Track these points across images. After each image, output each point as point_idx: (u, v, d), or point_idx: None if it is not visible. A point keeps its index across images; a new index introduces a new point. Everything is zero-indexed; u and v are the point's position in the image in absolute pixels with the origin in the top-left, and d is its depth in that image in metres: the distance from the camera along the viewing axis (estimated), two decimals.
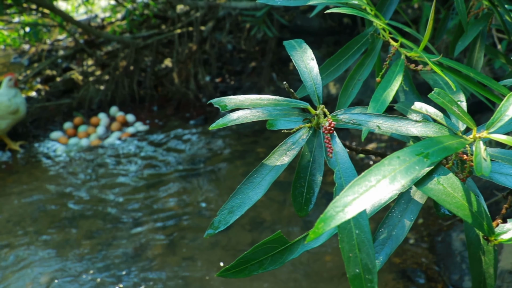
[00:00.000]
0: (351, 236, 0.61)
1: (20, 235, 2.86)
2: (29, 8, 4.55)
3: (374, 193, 0.52)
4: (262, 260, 0.69)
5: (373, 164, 0.55)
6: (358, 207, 0.51)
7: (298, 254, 0.68)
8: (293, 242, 0.69)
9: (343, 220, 0.50)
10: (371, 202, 0.52)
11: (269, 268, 0.68)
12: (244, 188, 0.73)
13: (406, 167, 0.56)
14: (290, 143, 0.77)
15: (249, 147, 3.64)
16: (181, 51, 4.33)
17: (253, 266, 0.68)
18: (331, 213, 0.51)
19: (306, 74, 0.85)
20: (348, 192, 0.52)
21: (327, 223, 0.50)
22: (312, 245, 0.68)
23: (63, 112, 4.45)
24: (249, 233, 2.72)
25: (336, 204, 0.52)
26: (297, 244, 0.69)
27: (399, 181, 0.54)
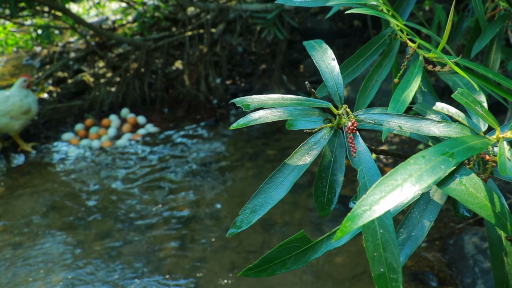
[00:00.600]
0: (376, 236, 0.61)
1: (32, 235, 2.87)
2: (42, 11, 4.58)
3: (400, 192, 0.53)
4: (285, 260, 0.69)
5: (383, 167, 0.55)
6: (385, 205, 0.51)
7: (321, 253, 0.68)
8: (316, 241, 0.69)
9: (370, 219, 0.51)
10: (397, 201, 0.52)
11: (292, 267, 0.68)
12: (267, 187, 0.74)
13: (432, 166, 0.57)
14: (311, 143, 0.78)
15: (260, 149, 3.64)
16: (191, 53, 4.35)
17: (276, 265, 0.69)
18: (358, 212, 0.51)
19: (328, 74, 0.85)
20: (375, 191, 0.53)
21: (354, 221, 0.51)
22: (335, 245, 0.68)
23: (75, 114, 4.47)
24: (260, 235, 2.72)
25: (363, 203, 0.52)
26: (320, 244, 0.69)
27: (425, 180, 0.55)
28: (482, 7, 1.11)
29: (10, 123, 3.72)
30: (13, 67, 6.46)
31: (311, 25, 5.10)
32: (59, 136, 4.16)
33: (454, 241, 2.44)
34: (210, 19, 4.41)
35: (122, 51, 5.36)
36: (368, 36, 4.50)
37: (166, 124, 4.21)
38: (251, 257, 2.57)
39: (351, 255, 2.54)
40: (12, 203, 3.22)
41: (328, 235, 0.70)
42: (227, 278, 2.44)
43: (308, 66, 4.65)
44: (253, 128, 3.97)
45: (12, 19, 4.53)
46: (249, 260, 2.55)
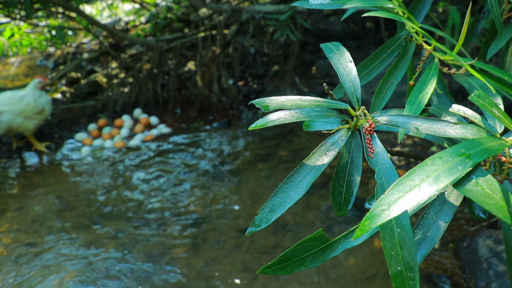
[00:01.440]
0: (393, 235, 0.62)
1: (45, 234, 2.90)
2: (56, 12, 4.63)
3: (418, 192, 0.53)
4: (304, 258, 0.70)
5: (396, 169, 0.56)
6: (403, 205, 0.52)
7: (338, 252, 0.70)
8: (334, 240, 0.70)
9: (389, 218, 0.52)
10: (415, 201, 0.53)
11: (310, 265, 0.70)
12: (285, 187, 0.75)
13: (449, 167, 0.57)
14: (329, 144, 0.79)
15: (272, 150, 3.65)
16: (204, 54, 4.36)
17: (295, 263, 0.70)
18: (377, 211, 0.52)
19: (345, 76, 0.86)
20: (393, 191, 0.54)
21: (373, 221, 0.52)
22: (352, 244, 0.69)
23: (88, 114, 4.51)
24: (273, 236, 2.72)
25: (382, 203, 0.53)
26: (337, 242, 0.70)
27: (443, 181, 0.55)
28: (499, 9, 1.11)
29: (24, 123, 3.76)
30: (27, 68, 6.52)
31: (323, 27, 5.10)
32: (72, 136, 4.20)
33: (468, 244, 2.42)
34: (223, 20, 4.42)
35: (135, 52, 5.39)
36: (381, 38, 4.48)
37: (178, 125, 4.23)
38: (264, 257, 2.58)
39: (364, 256, 2.54)
40: (26, 202, 3.25)
41: (346, 234, 0.71)
42: (240, 278, 2.45)
43: (320, 67, 4.65)
44: (265, 129, 3.98)
45: (27, 20, 4.58)
46: (261, 260, 2.55)
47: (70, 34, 5.65)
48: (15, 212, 3.15)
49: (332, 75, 4.45)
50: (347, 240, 0.73)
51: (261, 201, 3.03)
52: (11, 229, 2.99)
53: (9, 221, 3.06)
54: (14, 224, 3.03)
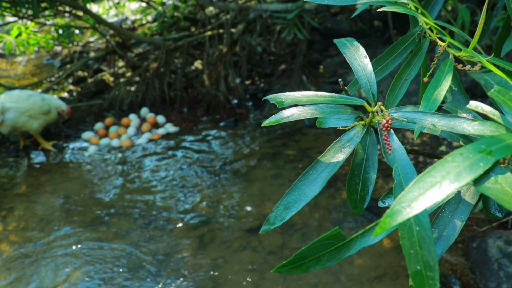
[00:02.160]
0: (412, 233, 0.61)
1: (52, 233, 2.90)
2: (63, 11, 4.63)
3: (439, 190, 0.53)
4: (320, 256, 0.69)
5: None
6: (424, 203, 0.51)
7: (355, 251, 0.68)
8: (351, 238, 0.69)
9: (410, 216, 0.51)
10: (436, 198, 0.52)
11: (326, 264, 0.68)
12: (300, 184, 0.74)
13: (470, 164, 0.56)
14: (344, 141, 0.77)
15: (279, 149, 3.63)
16: (211, 53, 4.35)
17: (311, 262, 0.68)
18: (397, 209, 0.52)
19: (360, 72, 0.85)
20: (413, 188, 0.53)
21: (393, 218, 0.51)
22: (369, 242, 0.68)
23: (95, 113, 4.51)
24: (280, 236, 2.71)
25: (402, 200, 0.52)
26: (354, 241, 0.69)
27: (464, 178, 0.54)
28: None
29: (29, 122, 3.76)
30: (34, 67, 6.54)
31: (331, 26, 5.08)
32: (79, 135, 4.20)
33: (477, 245, 2.40)
34: (230, 19, 4.41)
35: (141, 51, 5.39)
36: (389, 36, 4.46)
37: (185, 124, 4.22)
38: (271, 257, 2.56)
39: (372, 256, 2.52)
40: (33, 201, 3.25)
41: (362, 232, 0.69)
42: (247, 278, 2.44)
43: (327, 66, 4.63)
44: (272, 128, 3.96)
45: (34, 19, 4.59)
46: (268, 260, 2.54)
47: (77, 33, 5.65)
48: (22, 211, 3.15)
49: (340, 74, 4.43)
50: (364, 239, 0.71)
51: (269, 201, 3.02)
52: (18, 227, 2.99)
53: (17, 219, 3.06)
54: (22, 222, 3.03)
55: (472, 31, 3.42)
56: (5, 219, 3.09)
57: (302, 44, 4.19)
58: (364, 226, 2.68)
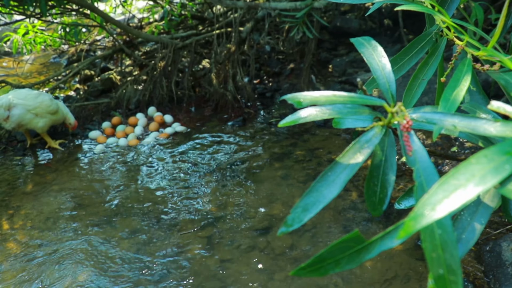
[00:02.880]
0: (434, 236, 0.59)
1: (59, 232, 2.88)
2: (71, 9, 4.61)
3: (464, 192, 0.51)
4: (339, 259, 0.67)
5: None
6: (449, 206, 0.51)
7: (375, 254, 0.66)
8: (371, 241, 0.66)
9: (434, 219, 0.50)
10: (461, 201, 0.51)
11: (345, 267, 0.66)
12: (319, 185, 0.71)
13: (495, 166, 0.55)
14: (363, 142, 0.74)
15: (288, 149, 3.60)
16: (219, 52, 4.32)
17: (330, 265, 0.66)
18: (421, 212, 0.51)
19: (379, 72, 0.82)
20: (438, 190, 0.52)
21: (418, 221, 0.50)
22: (389, 245, 0.65)
23: (102, 112, 4.49)
24: (289, 237, 2.67)
25: (426, 203, 0.52)
26: (374, 244, 0.66)
27: (490, 181, 0.53)
28: None
29: (34, 120, 3.75)
30: (40, 65, 6.54)
31: (340, 24, 5.04)
32: (86, 134, 4.18)
33: (491, 248, 2.35)
34: (238, 17, 4.37)
35: (148, 49, 5.37)
36: (399, 35, 4.41)
37: (193, 123, 4.20)
38: (280, 258, 2.53)
39: (382, 259, 2.48)
40: (40, 200, 3.23)
41: (383, 235, 0.66)
42: (255, 279, 2.40)
43: (337, 66, 4.59)
44: (280, 128, 3.93)
45: (42, 17, 4.57)
46: (277, 261, 2.51)
47: (83, 31, 5.64)
48: (29, 210, 3.13)
49: (349, 73, 4.39)
50: (384, 241, 0.69)
51: (277, 201, 2.98)
52: (25, 226, 2.97)
53: (23, 218, 3.05)
54: (28, 221, 3.01)
55: (485, 30, 3.36)
56: (12, 218, 3.07)
57: (311, 43, 4.15)
58: (374, 228, 2.64)
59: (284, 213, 2.86)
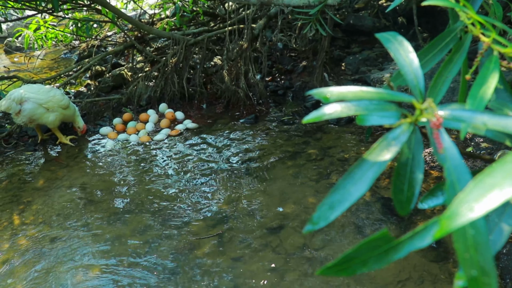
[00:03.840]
0: (466, 236, 0.57)
1: (70, 228, 2.87)
2: (83, 4, 4.60)
3: (500, 192, 0.50)
4: (366, 259, 0.64)
5: (429, 170, 0.51)
6: (485, 205, 0.49)
7: (404, 254, 0.63)
8: (400, 241, 0.63)
9: (471, 219, 0.49)
10: (497, 201, 0.49)
11: (373, 267, 0.63)
12: (345, 183, 0.68)
13: None
14: (390, 139, 0.72)
15: (300, 147, 3.56)
16: (231, 48, 4.29)
17: (357, 264, 0.64)
18: (457, 211, 0.49)
19: (407, 68, 0.80)
20: (474, 189, 0.51)
21: (454, 221, 0.49)
22: (419, 245, 0.62)
23: (113, 108, 4.48)
24: (301, 236, 2.65)
25: (462, 201, 0.50)
26: (403, 244, 0.63)
27: None
28: None
29: (45, 115, 3.74)
30: (51, 61, 6.55)
31: (353, 22, 4.99)
32: (97, 130, 4.17)
33: (508, 250, 2.31)
34: (250, 14, 4.34)
35: (159, 46, 5.35)
36: (413, 33, 4.36)
37: (204, 120, 4.17)
38: (292, 258, 2.50)
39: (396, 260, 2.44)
40: (50, 196, 3.23)
41: (412, 235, 0.64)
42: (267, 278, 2.38)
43: (349, 63, 4.55)
44: (293, 126, 3.90)
45: (54, 13, 4.57)
46: (289, 261, 2.48)
47: (95, 27, 5.64)
48: (40, 205, 3.13)
49: (363, 71, 4.35)
50: (412, 241, 0.66)
51: (289, 200, 2.95)
52: (36, 221, 2.97)
53: (34, 213, 3.04)
54: (39, 217, 3.01)
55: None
56: (23, 213, 3.07)
57: (325, 40, 4.11)
58: (388, 228, 2.59)
59: (296, 212, 2.83)
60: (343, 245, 2.56)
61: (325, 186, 3.06)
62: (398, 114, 0.80)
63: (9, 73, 5.84)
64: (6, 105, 3.63)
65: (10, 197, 3.27)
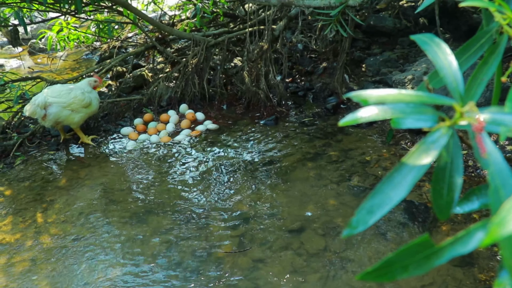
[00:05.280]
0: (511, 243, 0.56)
1: (91, 227, 2.90)
2: (105, 6, 4.65)
3: None
4: (407, 264, 0.63)
5: None
6: None
7: (446, 260, 0.62)
8: (441, 247, 0.62)
9: None
10: None
11: (413, 272, 0.63)
12: (384, 187, 0.68)
13: None
14: (429, 143, 0.71)
15: (321, 149, 3.55)
16: (251, 49, 4.29)
17: (397, 270, 0.63)
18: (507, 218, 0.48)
19: (446, 70, 0.78)
20: None
21: (503, 228, 0.48)
22: (461, 251, 0.61)
23: (133, 108, 4.51)
24: (322, 238, 2.63)
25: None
26: (445, 249, 0.63)
27: None
28: None
29: (71, 116, 3.79)
30: (73, 61, 6.62)
31: (374, 23, 4.96)
32: (118, 130, 4.21)
33: None
34: (271, 15, 4.34)
35: (180, 47, 5.38)
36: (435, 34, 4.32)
37: (224, 121, 4.18)
38: (313, 260, 2.49)
39: None
40: (73, 195, 3.26)
41: (453, 240, 0.63)
42: (287, 280, 2.37)
43: (370, 65, 4.52)
44: (313, 128, 3.88)
45: (76, 14, 4.62)
46: (310, 263, 2.47)
47: (115, 27, 5.69)
48: (62, 204, 3.16)
49: (384, 73, 4.31)
50: (454, 247, 0.65)
51: (310, 202, 2.94)
52: (58, 220, 3.00)
53: (57, 212, 3.08)
54: (61, 216, 3.04)
55: None
56: (46, 211, 3.11)
57: (345, 41, 4.09)
58: (410, 232, 2.57)
59: (317, 214, 2.82)
60: (364, 249, 2.54)
61: (346, 188, 3.04)
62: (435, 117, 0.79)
63: (32, 74, 5.93)
64: (31, 110, 3.68)
65: (34, 195, 3.31)
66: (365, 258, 2.47)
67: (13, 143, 4.00)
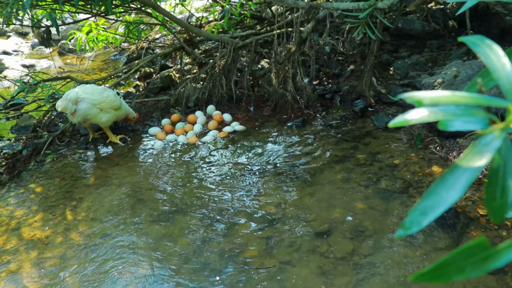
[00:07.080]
0: None
1: (119, 226, 2.93)
2: (134, 8, 4.70)
3: None
4: (463, 266, 0.62)
5: None
6: None
7: (503, 263, 0.61)
8: (498, 249, 0.61)
9: None
10: None
11: (469, 275, 0.62)
12: (437, 189, 0.67)
13: None
14: (482, 145, 0.70)
15: (349, 152, 3.53)
16: (279, 51, 4.29)
17: (453, 271, 0.62)
18: None
19: (499, 72, 0.77)
20: None
21: None
22: None
23: (161, 109, 4.55)
24: (350, 241, 2.62)
25: None
26: (501, 252, 0.62)
27: None
28: None
29: (99, 115, 3.84)
30: (101, 62, 6.71)
31: (402, 25, 4.92)
32: (146, 130, 4.25)
33: None
34: (299, 16, 4.33)
35: (207, 48, 5.41)
36: None
37: (252, 123, 4.19)
38: (341, 263, 2.47)
39: None
40: (101, 193, 3.30)
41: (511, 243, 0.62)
42: (315, 282, 2.36)
43: (398, 68, 4.48)
44: (341, 130, 3.86)
45: (106, 16, 4.68)
46: (338, 266, 2.45)
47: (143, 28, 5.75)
48: (91, 202, 3.20)
49: (412, 76, 4.27)
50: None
51: (337, 205, 2.93)
52: (87, 218, 3.04)
53: (86, 210, 3.12)
54: (90, 213, 3.08)
55: None
56: (75, 209, 3.15)
57: (374, 44, 4.06)
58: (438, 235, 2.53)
59: (344, 217, 2.80)
60: (392, 252, 2.51)
61: (374, 191, 3.02)
62: (485, 119, 0.78)
63: (62, 73, 6.03)
64: (63, 105, 3.75)
65: (63, 193, 3.36)
66: (393, 262, 2.44)
67: (44, 142, 4.07)
